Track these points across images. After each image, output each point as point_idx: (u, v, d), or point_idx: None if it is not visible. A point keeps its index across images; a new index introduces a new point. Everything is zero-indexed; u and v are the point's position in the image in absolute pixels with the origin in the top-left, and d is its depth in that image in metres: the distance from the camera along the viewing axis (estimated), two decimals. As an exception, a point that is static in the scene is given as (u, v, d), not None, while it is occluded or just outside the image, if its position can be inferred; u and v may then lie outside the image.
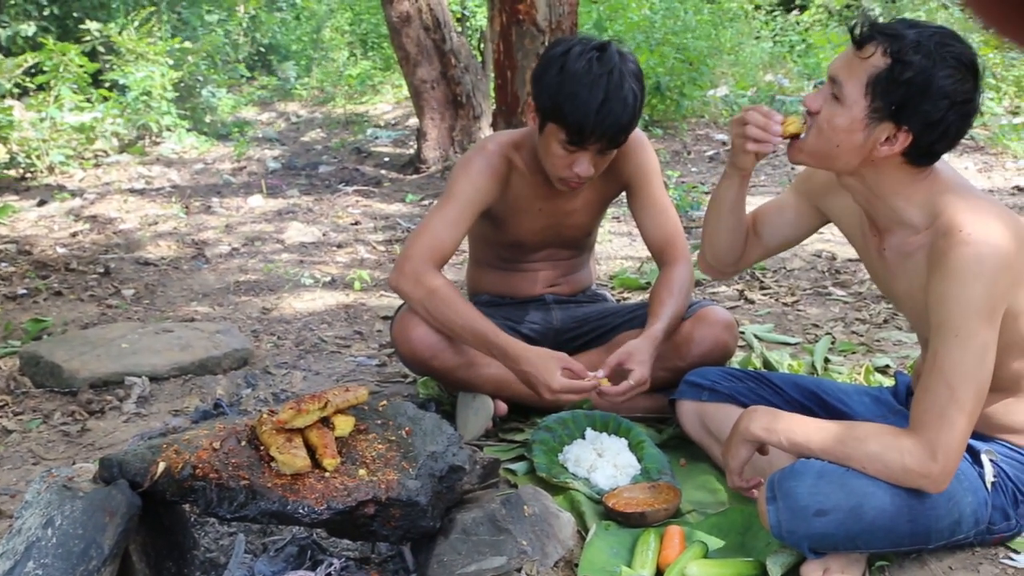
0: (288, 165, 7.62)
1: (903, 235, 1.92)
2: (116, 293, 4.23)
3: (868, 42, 1.81)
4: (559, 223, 2.71)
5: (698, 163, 6.94)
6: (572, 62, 2.35)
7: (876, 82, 1.79)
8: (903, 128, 1.80)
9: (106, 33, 8.33)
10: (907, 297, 1.96)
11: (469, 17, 10.94)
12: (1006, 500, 1.97)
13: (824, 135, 1.88)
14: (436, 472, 1.85)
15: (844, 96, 1.83)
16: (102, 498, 1.70)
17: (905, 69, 1.76)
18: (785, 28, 11.23)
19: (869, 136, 1.83)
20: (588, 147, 2.39)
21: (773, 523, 1.86)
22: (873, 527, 1.83)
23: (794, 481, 1.84)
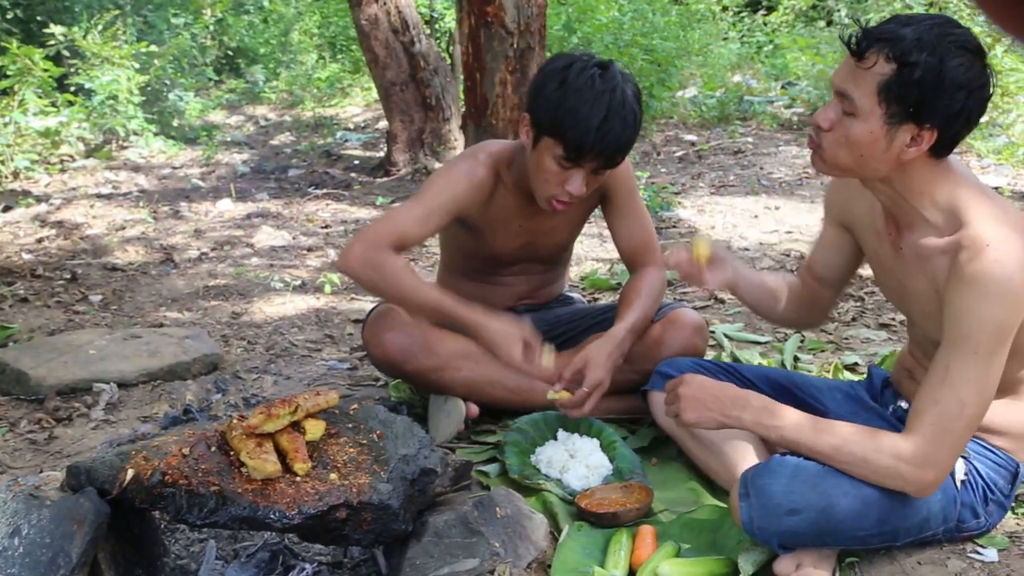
0: (257, 169, 7.58)
1: (922, 233, 1.88)
2: (83, 299, 4.19)
3: (867, 51, 1.76)
4: (537, 241, 2.68)
5: (667, 164, 6.97)
6: (574, 77, 2.30)
7: (887, 89, 1.74)
8: (925, 127, 1.76)
9: (71, 37, 8.24)
10: (921, 297, 1.92)
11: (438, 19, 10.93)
12: (976, 498, 1.98)
13: (846, 148, 1.83)
14: (408, 475, 1.84)
15: (857, 108, 1.78)
16: (70, 506, 1.68)
17: (913, 70, 1.72)
18: (752, 29, 11.31)
19: (892, 142, 1.78)
20: (584, 165, 2.33)
21: (745, 519, 1.87)
22: (843, 526, 1.85)
23: (768, 479, 1.86)
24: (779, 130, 7.91)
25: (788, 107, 8.48)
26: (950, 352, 1.78)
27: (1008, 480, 2.02)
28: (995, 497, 2.01)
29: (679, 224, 5.29)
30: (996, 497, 2.01)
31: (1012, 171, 5.99)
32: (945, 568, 1.97)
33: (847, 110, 1.80)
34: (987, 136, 6.73)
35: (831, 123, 1.83)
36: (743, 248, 4.78)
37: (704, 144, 7.48)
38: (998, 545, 2.03)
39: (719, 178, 6.42)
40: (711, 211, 5.55)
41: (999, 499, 2.02)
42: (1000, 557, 2.00)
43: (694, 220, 5.37)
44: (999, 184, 5.63)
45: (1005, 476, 2.01)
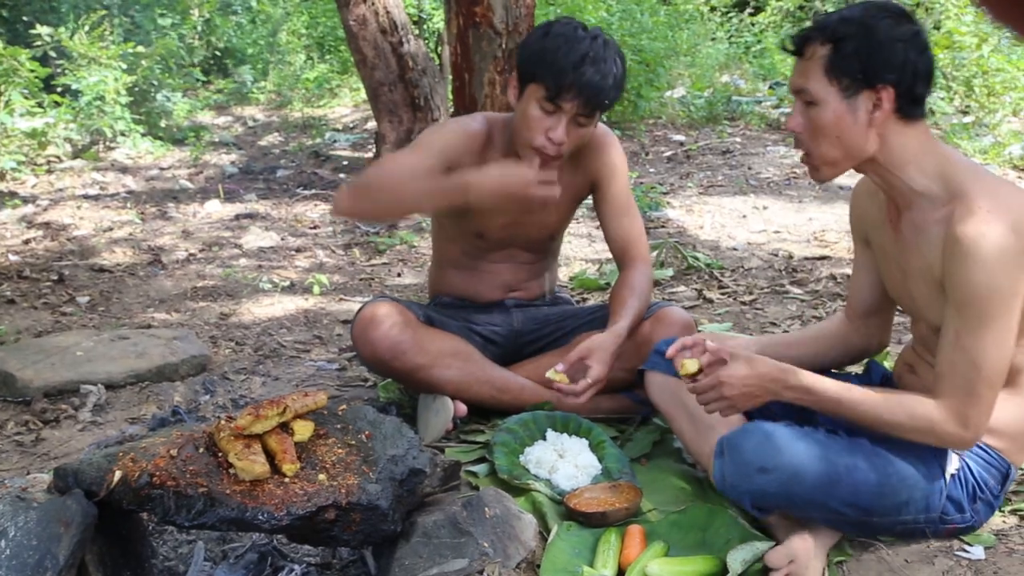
0: (245, 169, 7.56)
1: (921, 209, 1.91)
2: (70, 300, 4.17)
3: (805, 45, 1.90)
4: (525, 220, 2.69)
5: (656, 163, 6.98)
6: (557, 27, 2.44)
7: (831, 66, 1.86)
8: (879, 87, 1.85)
9: (57, 38, 8.21)
10: (920, 277, 1.95)
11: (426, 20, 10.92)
12: (963, 493, 1.99)
13: (821, 137, 1.91)
14: (397, 476, 1.84)
15: (815, 96, 1.89)
16: (57, 508, 1.67)
17: (847, 42, 1.84)
18: (740, 29, 11.33)
19: (856, 112, 1.87)
20: (565, 106, 2.40)
21: (718, 477, 1.94)
22: (812, 493, 1.90)
23: (742, 439, 1.93)
24: (767, 130, 7.92)
25: (776, 107, 8.50)
26: (958, 319, 1.83)
27: (998, 480, 2.03)
28: (984, 496, 2.02)
29: (667, 224, 5.30)
30: (985, 496, 2.02)
31: (999, 171, 6.02)
32: (932, 566, 1.98)
33: (808, 103, 1.90)
34: (973, 136, 6.76)
35: (799, 123, 1.93)
36: (731, 248, 4.79)
37: (692, 144, 7.49)
38: (985, 543, 2.04)
39: (707, 178, 6.43)
40: (699, 211, 5.56)
41: (987, 498, 2.03)
42: (987, 555, 2.01)
43: (683, 220, 5.37)
44: (986, 184, 5.66)
45: (996, 476, 2.02)
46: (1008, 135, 6.67)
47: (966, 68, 7.53)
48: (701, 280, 4.26)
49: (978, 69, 7.49)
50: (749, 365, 1.97)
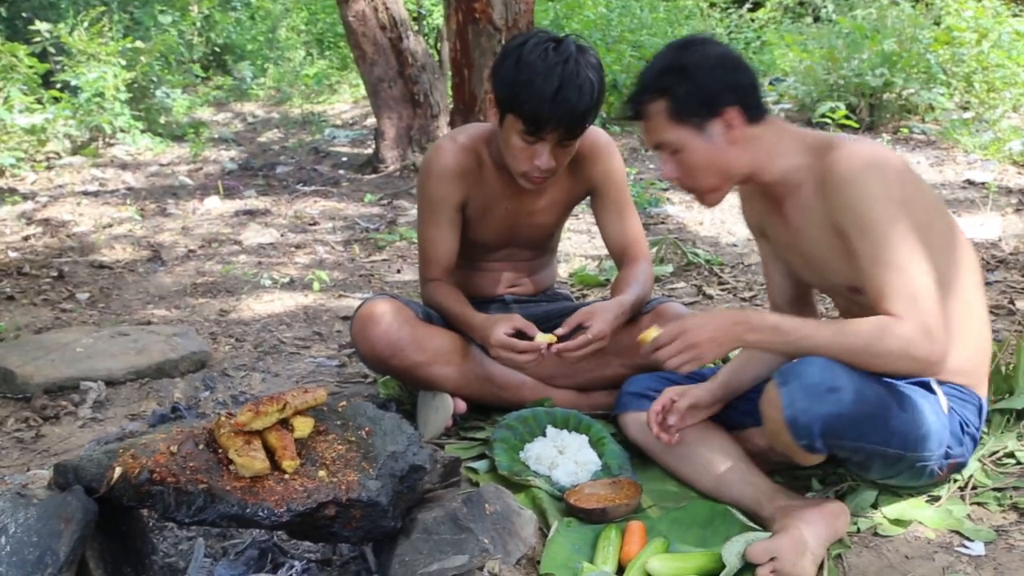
0: (245, 166, 7.56)
1: (798, 188, 2.06)
2: (70, 297, 4.17)
3: (641, 110, 2.06)
4: (522, 223, 2.71)
5: (655, 160, 6.97)
6: (528, 53, 2.37)
7: (674, 115, 2.02)
8: (723, 110, 2.01)
9: (56, 34, 8.20)
10: (818, 247, 2.06)
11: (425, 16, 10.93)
12: (956, 427, 2.06)
13: (698, 174, 2.07)
14: (397, 472, 1.84)
15: (675, 145, 2.04)
16: (57, 505, 1.68)
17: (675, 89, 2.00)
18: (740, 25, 11.32)
19: (715, 140, 2.03)
20: (546, 137, 2.39)
21: (786, 404, 1.87)
22: (876, 413, 1.91)
23: (805, 365, 1.90)
24: (767, 126, 7.91)
25: (776, 103, 8.49)
26: (866, 244, 1.91)
27: (975, 414, 2.12)
28: (969, 430, 2.10)
29: (667, 220, 5.30)
30: (970, 430, 2.10)
31: (998, 166, 6.01)
32: (932, 562, 1.98)
33: (672, 153, 2.06)
34: (974, 132, 6.75)
35: (673, 171, 2.09)
36: (731, 244, 4.79)
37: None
38: (985, 538, 2.04)
39: (707, 174, 6.42)
40: (699, 207, 5.56)
41: (972, 432, 2.11)
42: (987, 550, 2.01)
43: (682, 216, 5.37)
44: (985, 179, 5.66)
45: (972, 410, 2.11)
46: (1008, 131, 6.67)
47: (966, 64, 7.52)
48: (701, 276, 4.26)
49: (978, 65, 7.47)
50: (708, 315, 2.03)
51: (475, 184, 2.62)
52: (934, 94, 7.37)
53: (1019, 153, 6.17)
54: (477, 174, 2.62)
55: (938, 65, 7.44)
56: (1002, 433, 2.40)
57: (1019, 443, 2.41)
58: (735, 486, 2.15)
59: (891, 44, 7.42)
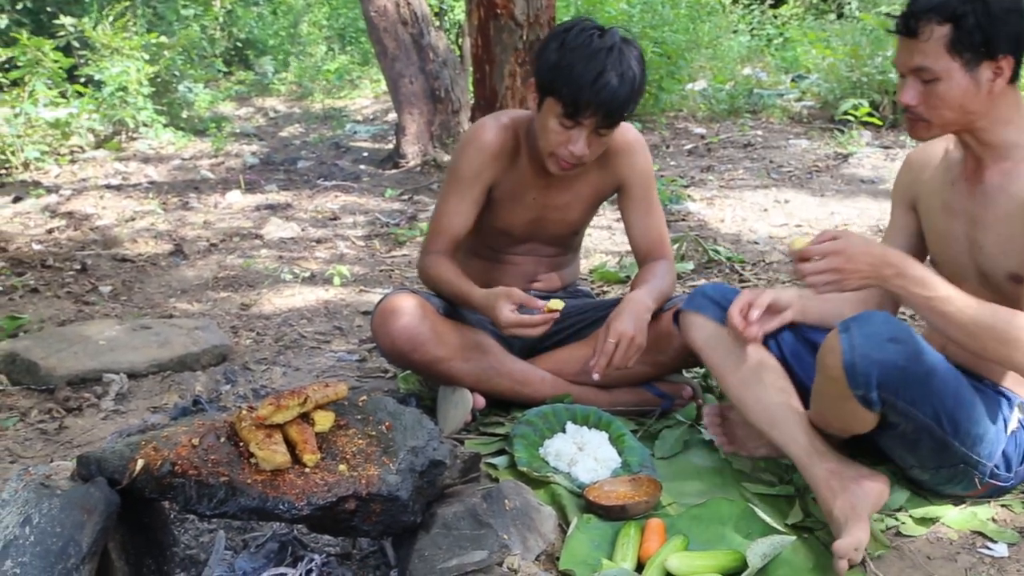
0: (266, 160, 7.59)
1: (1009, 166, 2.00)
2: (93, 290, 4.20)
3: (919, 26, 1.93)
4: (548, 216, 2.70)
5: (677, 157, 6.96)
6: (572, 38, 2.38)
7: (954, 45, 1.91)
8: (1000, 58, 1.92)
9: (80, 28, 8.26)
10: (1000, 224, 2.01)
11: (447, 11, 10.93)
12: (1015, 452, 2.05)
13: (944, 109, 1.97)
14: (417, 467, 1.84)
15: (937, 73, 1.94)
16: (80, 496, 1.69)
17: (967, 18, 1.89)
18: (762, 22, 11.27)
19: (979, 83, 1.94)
20: (584, 122, 2.39)
21: (846, 349, 1.87)
22: (933, 381, 1.91)
23: (868, 317, 1.92)
24: (789, 123, 7.88)
25: (798, 100, 8.45)
26: None
27: None
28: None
29: (688, 217, 5.28)
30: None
31: None
32: (955, 563, 1.96)
33: (927, 79, 1.96)
34: None
35: (915, 97, 1.98)
36: (752, 241, 4.77)
37: (714, 137, 7.46)
38: (1008, 540, 2.02)
39: (729, 171, 6.40)
40: (720, 204, 5.54)
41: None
42: (1010, 552, 1.99)
43: (704, 213, 5.35)
44: None
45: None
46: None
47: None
48: (722, 273, 4.24)
49: None
50: (866, 242, 1.97)
51: (509, 167, 2.62)
52: None
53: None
54: (512, 158, 2.62)
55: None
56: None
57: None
58: (789, 428, 2.12)
59: (915, 41, 7.36)
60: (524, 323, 2.40)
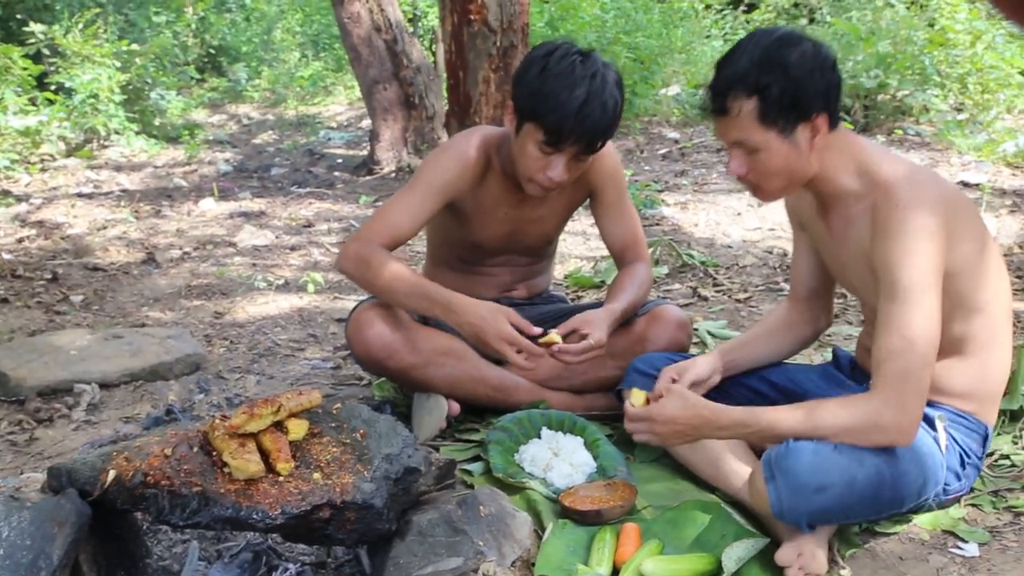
0: (240, 168, 7.55)
1: (846, 204, 2.02)
2: (64, 299, 4.16)
3: (727, 104, 1.94)
4: (522, 230, 2.70)
5: (651, 161, 6.99)
6: (555, 63, 2.35)
7: (763, 117, 1.92)
8: (814, 116, 1.93)
9: (50, 35, 8.19)
10: (855, 265, 2.04)
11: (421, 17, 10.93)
12: (957, 462, 2.06)
13: (773, 176, 1.99)
14: (391, 474, 1.84)
15: (756, 145, 1.95)
16: (50, 508, 1.67)
17: (769, 90, 1.90)
18: (735, 27, 11.33)
19: (798, 146, 1.95)
20: (564, 150, 2.37)
21: (774, 501, 1.89)
22: (863, 497, 1.89)
23: (792, 460, 1.88)
24: (762, 128, 7.92)
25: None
26: (887, 301, 1.88)
27: (980, 443, 2.11)
28: (971, 461, 2.10)
29: (662, 222, 5.30)
30: (972, 461, 2.10)
31: (992, 168, 6.02)
32: (927, 563, 1.98)
33: (749, 151, 1.97)
34: (968, 133, 6.76)
35: (745, 169, 2.01)
36: (726, 245, 4.79)
37: (687, 142, 7.50)
38: (979, 539, 2.04)
39: (702, 176, 6.44)
40: (694, 208, 5.57)
41: (974, 462, 2.11)
42: (981, 552, 2.01)
43: (678, 218, 5.38)
44: (980, 181, 5.67)
45: (977, 440, 2.10)
46: (1002, 132, 6.68)
47: (960, 65, 7.54)
48: (696, 278, 4.26)
49: (972, 66, 7.49)
50: (682, 405, 2.01)
51: (477, 185, 2.59)
52: (928, 96, 7.39)
53: (1013, 155, 6.18)
54: (482, 176, 2.59)
55: (932, 67, 7.47)
56: (998, 435, 2.40)
57: (1015, 446, 2.41)
58: (734, 476, 2.16)
59: (886, 46, 7.44)
60: (522, 344, 2.36)
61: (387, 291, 2.49)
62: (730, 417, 1.97)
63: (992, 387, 2.11)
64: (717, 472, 2.20)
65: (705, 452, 2.23)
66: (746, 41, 1.97)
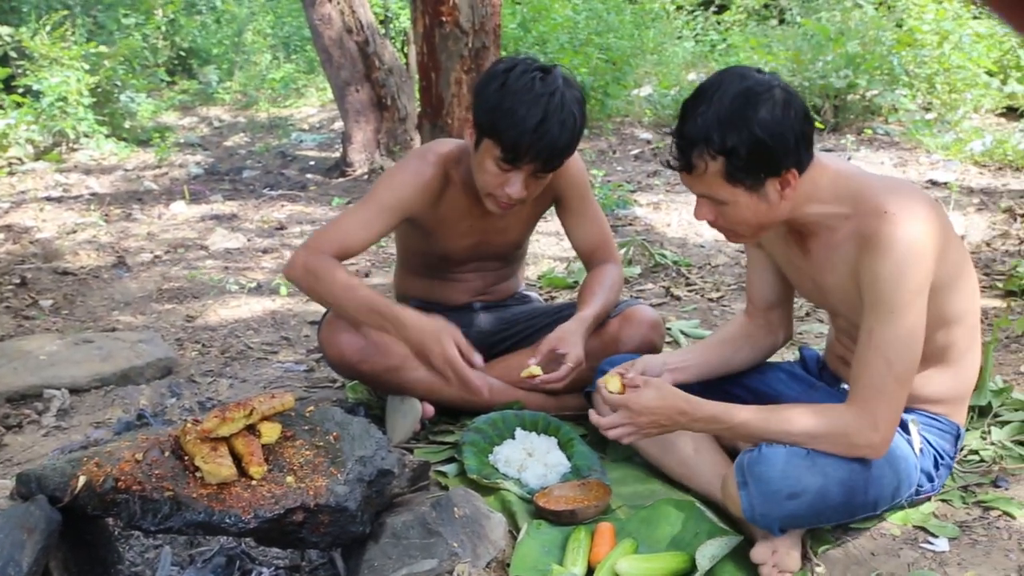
0: (211, 170, 7.50)
1: (827, 230, 1.98)
2: (33, 304, 4.12)
3: (692, 161, 1.87)
4: (488, 240, 2.69)
5: (623, 162, 7.01)
6: (514, 79, 2.32)
7: (732, 176, 1.86)
8: (783, 173, 1.87)
9: (17, 38, 8.11)
10: (837, 288, 2.01)
11: (392, 19, 10.90)
12: (929, 464, 2.08)
13: (741, 225, 1.96)
14: (365, 477, 1.83)
15: (723, 199, 1.90)
16: (20, 515, 1.65)
17: (738, 151, 1.82)
18: (706, 28, 11.39)
19: (768, 197, 1.90)
20: (522, 167, 2.35)
21: (746, 507, 1.90)
22: (836, 503, 1.91)
23: (765, 466, 1.89)
24: (733, 128, 7.96)
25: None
26: (871, 317, 1.86)
27: (952, 444, 2.14)
28: (944, 461, 2.12)
29: (635, 222, 5.32)
30: (945, 461, 2.13)
31: (960, 167, 6.09)
32: (898, 558, 2.00)
33: (716, 203, 1.92)
34: (936, 133, 6.83)
35: (712, 217, 1.96)
36: (699, 245, 4.82)
37: (660, 142, 7.53)
38: (949, 535, 2.06)
39: (674, 176, 6.44)
40: (667, 208, 5.59)
41: (947, 463, 2.14)
42: (951, 546, 2.03)
43: (650, 218, 5.40)
44: (947, 179, 5.73)
45: (949, 440, 2.13)
46: (969, 131, 6.76)
47: (928, 65, 7.62)
48: (669, 277, 4.28)
49: (939, 67, 7.57)
50: (659, 395, 1.98)
51: (435, 202, 2.56)
52: (897, 95, 7.46)
53: (980, 153, 6.26)
54: (441, 193, 2.56)
55: (901, 67, 7.54)
56: (967, 431, 2.43)
57: (983, 441, 2.44)
58: (704, 475, 2.17)
59: (855, 46, 7.51)
60: (460, 369, 2.30)
61: (336, 304, 2.47)
62: (705, 411, 1.97)
63: (964, 388, 2.13)
64: (689, 472, 2.21)
65: (676, 452, 2.24)
66: (712, 89, 1.87)
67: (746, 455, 1.94)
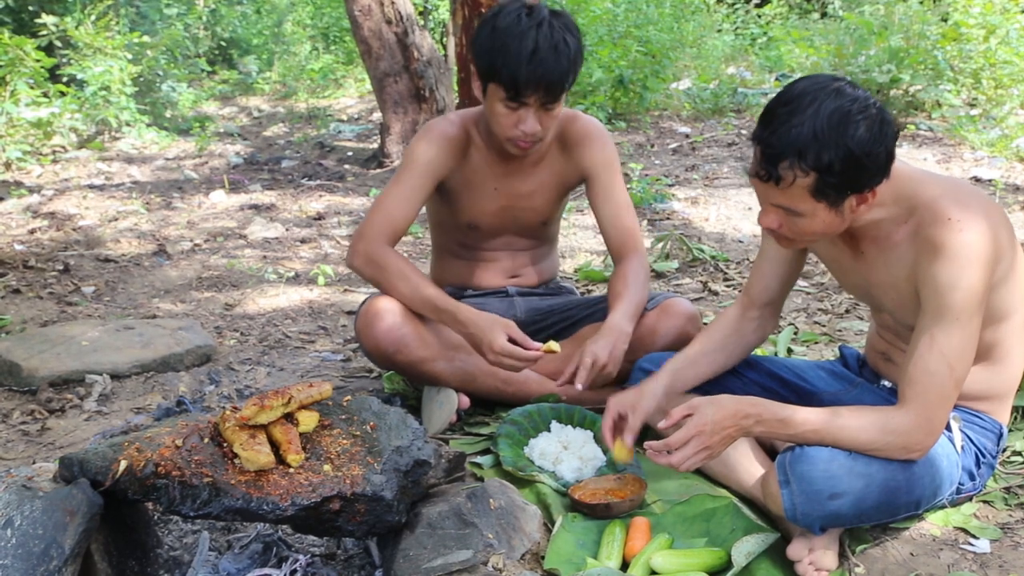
0: (250, 160, 7.56)
1: (883, 230, 1.96)
2: (76, 290, 4.18)
3: (779, 174, 1.81)
4: (514, 205, 2.72)
5: (661, 156, 6.97)
6: (502, 20, 2.41)
7: (819, 191, 1.82)
8: (867, 191, 1.85)
9: (63, 27, 8.21)
10: (889, 287, 1.99)
11: (432, 11, 10.92)
12: (972, 462, 2.06)
13: (808, 234, 1.92)
14: (401, 466, 1.84)
15: (801, 211, 1.86)
16: (62, 497, 1.68)
17: (831, 168, 1.78)
18: (746, 21, 11.30)
19: (844, 213, 1.87)
20: (528, 101, 2.42)
21: (788, 506, 1.89)
22: (878, 503, 1.89)
23: (807, 465, 1.88)
24: (773, 122, 7.89)
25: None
26: (933, 322, 1.85)
27: (994, 442, 2.11)
28: (986, 460, 2.09)
29: (673, 216, 5.29)
30: (987, 460, 2.10)
31: (1006, 164, 5.99)
32: (938, 560, 1.97)
33: (790, 213, 1.88)
34: (981, 129, 6.73)
35: (779, 224, 1.92)
36: (737, 240, 4.78)
37: (698, 136, 7.48)
38: (991, 536, 2.03)
39: (713, 170, 6.42)
40: (705, 203, 5.55)
41: (989, 461, 2.11)
42: (992, 548, 2.01)
43: (688, 212, 5.36)
44: (992, 176, 5.64)
45: (992, 439, 2.10)
46: (1015, 128, 6.65)
47: (973, 60, 7.51)
48: (706, 272, 4.25)
49: (985, 61, 7.46)
50: (718, 408, 1.92)
51: (461, 159, 2.65)
52: (941, 91, 7.35)
53: (1026, 150, 6.15)
54: (464, 150, 2.65)
55: (945, 62, 7.43)
56: (1010, 431, 2.39)
57: (1026, 441, 2.40)
58: (741, 471, 2.15)
59: (898, 40, 7.41)
60: (516, 355, 2.38)
61: (398, 294, 2.56)
62: (772, 412, 1.92)
63: (1007, 386, 2.10)
64: (726, 468, 2.19)
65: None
66: (806, 100, 1.80)
67: (788, 453, 1.92)
